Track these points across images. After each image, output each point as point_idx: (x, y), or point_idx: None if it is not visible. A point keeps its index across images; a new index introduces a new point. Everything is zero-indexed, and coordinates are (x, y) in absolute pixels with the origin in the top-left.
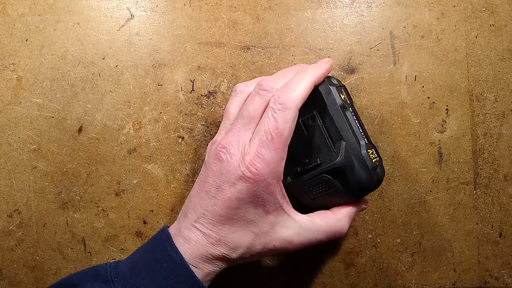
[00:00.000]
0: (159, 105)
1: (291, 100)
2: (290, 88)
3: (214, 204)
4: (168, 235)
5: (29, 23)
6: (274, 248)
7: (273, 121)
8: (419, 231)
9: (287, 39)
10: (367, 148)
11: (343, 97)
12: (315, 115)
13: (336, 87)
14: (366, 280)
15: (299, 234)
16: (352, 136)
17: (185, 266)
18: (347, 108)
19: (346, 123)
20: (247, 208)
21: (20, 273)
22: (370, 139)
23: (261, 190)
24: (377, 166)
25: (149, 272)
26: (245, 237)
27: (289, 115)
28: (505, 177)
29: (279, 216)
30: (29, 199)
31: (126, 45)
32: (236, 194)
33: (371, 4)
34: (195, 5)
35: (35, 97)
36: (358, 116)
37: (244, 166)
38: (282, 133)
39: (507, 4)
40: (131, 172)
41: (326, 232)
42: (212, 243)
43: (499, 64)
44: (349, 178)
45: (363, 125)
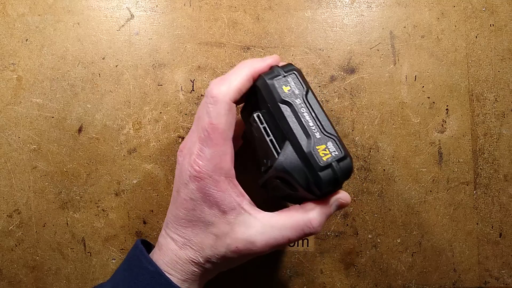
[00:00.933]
0: (159, 105)
1: (222, 92)
2: (223, 81)
3: (176, 207)
4: (141, 249)
5: (29, 23)
6: (237, 250)
7: (207, 117)
8: (419, 231)
9: (287, 39)
10: (318, 143)
11: (287, 89)
12: (258, 115)
13: (278, 78)
14: (366, 280)
15: (263, 233)
16: (295, 134)
17: (160, 274)
18: (292, 102)
19: (286, 121)
20: (202, 208)
21: (20, 273)
22: (332, 130)
23: (210, 188)
24: (332, 163)
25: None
26: (206, 239)
27: (222, 108)
28: (505, 177)
29: (239, 215)
30: (29, 199)
31: (126, 45)
32: (189, 194)
33: (371, 4)
34: (195, 5)
35: (35, 97)
36: (317, 104)
37: (190, 166)
38: (217, 127)
39: (507, 4)
40: (131, 172)
41: (293, 227)
42: (179, 247)
43: (499, 64)
44: (298, 180)
45: (322, 115)
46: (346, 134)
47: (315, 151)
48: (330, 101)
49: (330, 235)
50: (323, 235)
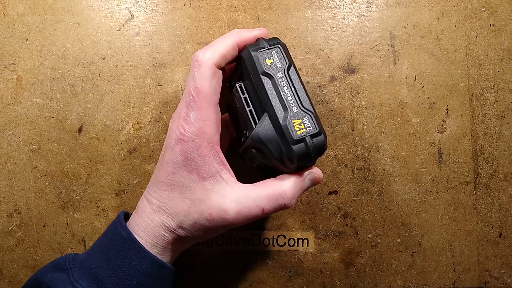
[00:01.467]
0: (159, 105)
1: (206, 56)
2: (209, 46)
3: (158, 171)
4: (120, 217)
5: (29, 23)
6: (210, 217)
7: (192, 80)
8: (419, 231)
9: (287, 39)
10: (294, 118)
11: (270, 62)
12: (240, 86)
13: (262, 50)
14: (366, 280)
15: (238, 202)
16: (273, 106)
17: (133, 240)
18: (273, 74)
19: (266, 93)
20: (181, 173)
21: (20, 273)
22: (309, 106)
23: (192, 152)
24: (305, 137)
25: (102, 254)
26: (181, 203)
27: (205, 71)
28: (505, 177)
29: (216, 183)
30: (29, 199)
31: (126, 45)
32: (172, 157)
33: (371, 4)
34: (195, 5)
35: (35, 97)
36: (298, 79)
37: (176, 129)
38: (200, 91)
39: (507, 4)
40: (131, 172)
41: (267, 197)
42: (153, 210)
43: (499, 64)
44: (272, 152)
45: (302, 90)
46: (346, 134)
47: (291, 124)
48: (330, 101)
49: (330, 235)
50: (323, 235)
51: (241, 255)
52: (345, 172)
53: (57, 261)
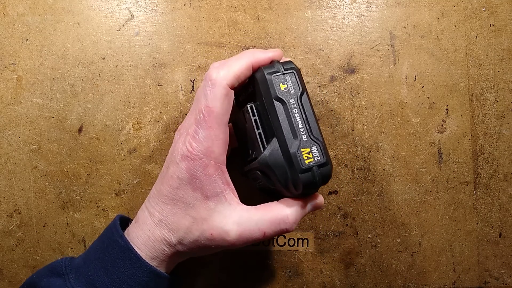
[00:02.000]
0: (159, 105)
1: (220, 76)
2: (223, 65)
3: (161, 183)
4: (116, 223)
5: (29, 23)
6: (211, 237)
7: (204, 99)
8: (419, 231)
9: (287, 39)
10: (303, 146)
11: (284, 87)
12: (251, 107)
13: (277, 75)
14: (366, 280)
15: (239, 224)
16: (284, 133)
17: (129, 249)
18: (286, 100)
19: (277, 118)
20: (186, 189)
21: (21, 273)
22: (319, 135)
23: (198, 170)
24: (313, 167)
25: (99, 261)
26: (183, 220)
27: (218, 91)
28: (505, 177)
29: (220, 203)
30: (29, 199)
31: (126, 45)
32: (178, 173)
33: (371, 4)
34: (195, 5)
35: (35, 97)
36: (309, 107)
37: (183, 145)
38: (212, 110)
39: (507, 4)
40: (131, 172)
41: (269, 221)
42: (155, 223)
43: (499, 64)
44: (278, 177)
45: (312, 119)
46: (346, 134)
47: (300, 153)
48: (330, 101)
49: (330, 235)
50: (323, 235)
51: (241, 255)
52: (345, 172)
53: (53, 265)
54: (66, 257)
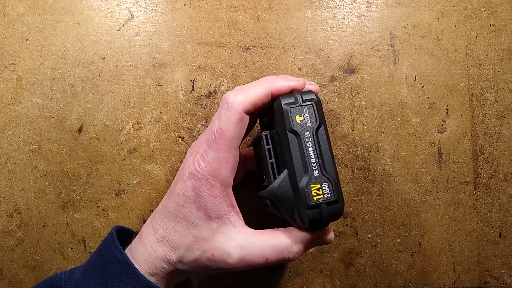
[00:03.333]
0: (159, 105)
1: (237, 101)
2: (242, 90)
3: (168, 199)
4: (113, 236)
5: (29, 23)
6: (212, 257)
7: (218, 121)
8: (419, 231)
9: (287, 39)
10: (313, 182)
11: (300, 119)
12: (266, 135)
13: (294, 106)
14: (366, 280)
15: (242, 247)
16: (295, 166)
17: (128, 264)
18: (301, 133)
19: (290, 150)
20: (190, 207)
21: (20, 273)
22: (332, 172)
23: (203, 190)
24: (321, 204)
25: (98, 276)
26: (185, 238)
27: (233, 115)
28: (505, 177)
29: (223, 225)
30: (29, 199)
31: (126, 45)
32: (184, 190)
33: (371, 4)
34: (195, 5)
35: (35, 97)
36: (326, 141)
37: (192, 163)
38: (224, 133)
39: (507, 4)
40: (131, 172)
41: (273, 248)
42: (157, 240)
43: (499, 64)
44: (285, 209)
45: (328, 154)
46: (346, 134)
47: (309, 188)
48: (330, 101)
49: None
50: None
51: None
52: (345, 172)
53: (52, 280)
54: (65, 271)
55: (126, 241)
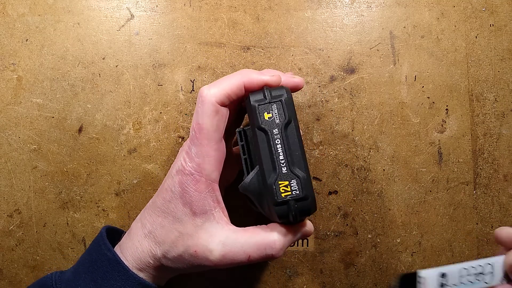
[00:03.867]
0: (159, 105)
1: (210, 93)
2: (215, 83)
3: (157, 195)
4: (103, 235)
5: (29, 23)
6: (195, 254)
7: (195, 116)
8: (419, 231)
9: (287, 39)
10: (281, 179)
11: (269, 116)
12: (239, 132)
13: (263, 103)
14: (366, 280)
15: (224, 244)
16: (263, 163)
17: (118, 262)
18: (269, 130)
19: (258, 148)
20: (176, 203)
21: (21, 273)
22: (302, 168)
23: (189, 185)
24: (289, 201)
25: (88, 274)
26: (170, 233)
27: (207, 108)
28: (505, 177)
29: (207, 221)
30: (29, 199)
31: (126, 45)
32: (171, 186)
33: (371, 4)
34: (195, 5)
35: (35, 97)
36: (296, 138)
37: (179, 161)
38: (201, 127)
39: (507, 4)
40: (131, 172)
41: (255, 245)
42: (144, 234)
43: (499, 64)
44: (258, 204)
45: (298, 150)
46: (346, 134)
47: (277, 185)
48: (330, 101)
49: (330, 235)
50: (323, 235)
51: None
52: (345, 172)
53: (43, 280)
54: (56, 272)
55: (116, 240)
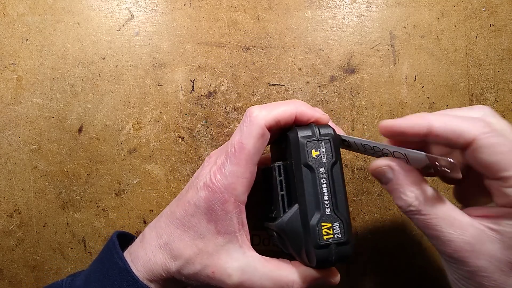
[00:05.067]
0: (159, 105)
1: (260, 115)
2: (267, 106)
3: (177, 205)
4: (115, 242)
5: (29, 23)
6: (212, 275)
7: (239, 134)
8: (419, 231)
9: (287, 39)
10: (325, 220)
11: (316, 154)
12: (280, 166)
13: (311, 140)
14: (366, 280)
15: (244, 271)
16: (307, 202)
17: (128, 271)
18: (315, 168)
19: (303, 185)
20: (200, 218)
21: (21, 273)
22: (344, 211)
23: (216, 203)
24: (331, 244)
25: (99, 283)
26: (188, 248)
27: (255, 130)
28: None
29: (230, 242)
30: (30, 199)
31: (126, 45)
32: (196, 199)
33: (371, 4)
34: (195, 5)
35: (35, 97)
36: (340, 179)
37: (208, 174)
38: (244, 147)
39: (507, 4)
40: (131, 172)
41: (274, 280)
42: (159, 245)
43: (499, 64)
44: (293, 245)
45: (341, 192)
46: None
47: (319, 227)
48: (330, 101)
49: None
50: None
51: None
52: (345, 172)
53: (54, 286)
54: (67, 278)
55: (126, 244)
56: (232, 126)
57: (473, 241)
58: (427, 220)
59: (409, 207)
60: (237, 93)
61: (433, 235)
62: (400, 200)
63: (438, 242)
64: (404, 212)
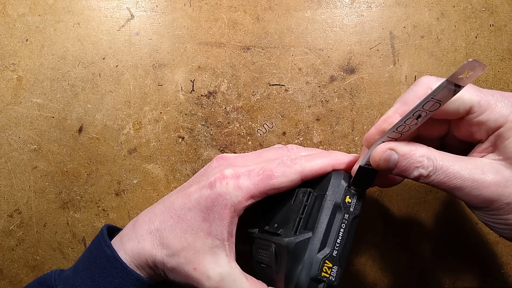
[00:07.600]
0: (159, 105)
1: (301, 164)
2: (309, 157)
3: (177, 196)
4: (103, 232)
5: (29, 23)
6: (193, 271)
7: (274, 166)
8: (419, 231)
9: (287, 39)
10: (329, 259)
11: (348, 201)
12: (310, 192)
13: (349, 188)
14: (366, 280)
15: (223, 279)
16: (321, 236)
17: (116, 258)
18: (342, 212)
19: (326, 220)
20: (196, 214)
21: (21, 273)
22: (344, 261)
23: (216, 206)
24: (324, 283)
25: (87, 271)
26: (177, 240)
27: (291, 174)
28: None
29: (218, 247)
30: (30, 199)
31: (126, 45)
32: (197, 195)
33: (371, 4)
34: (195, 5)
35: (35, 97)
36: (353, 233)
37: (219, 174)
38: (271, 179)
39: (507, 4)
40: (131, 172)
41: None
42: (150, 230)
43: (499, 64)
44: (288, 267)
45: (349, 244)
46: (346, 134)
47: (323, 263)
48: (330, 101)
49: None
50: None
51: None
52: None
53: (43, 278)
54: (56, 270)
55: None
56: (232, 126)
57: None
58: (449, 174)
59: (428, 171)
60: (237, 93)
61: (457, 186)
62: (417, 171)
63: (465, 191)
64: (425, 181)
